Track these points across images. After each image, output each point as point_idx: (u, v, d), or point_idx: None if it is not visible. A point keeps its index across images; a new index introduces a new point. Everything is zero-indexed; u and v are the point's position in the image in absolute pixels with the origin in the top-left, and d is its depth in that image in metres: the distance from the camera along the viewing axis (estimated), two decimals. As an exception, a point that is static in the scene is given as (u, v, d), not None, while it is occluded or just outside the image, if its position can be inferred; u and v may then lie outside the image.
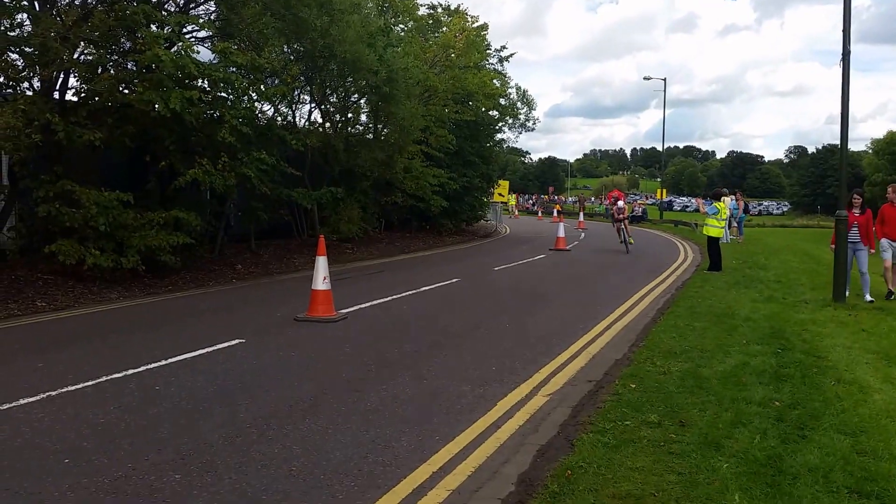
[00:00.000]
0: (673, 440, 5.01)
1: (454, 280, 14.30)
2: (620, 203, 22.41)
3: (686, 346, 7.97)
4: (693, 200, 61.41)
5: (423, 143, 23.69)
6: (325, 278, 9.73)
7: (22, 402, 5.89)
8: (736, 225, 25.04)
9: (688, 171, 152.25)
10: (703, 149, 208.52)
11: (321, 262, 9.73)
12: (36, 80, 12.67)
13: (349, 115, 22.30)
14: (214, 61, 14.00)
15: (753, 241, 25.87)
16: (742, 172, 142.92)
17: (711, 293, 12.18)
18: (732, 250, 20.46)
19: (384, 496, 4.21)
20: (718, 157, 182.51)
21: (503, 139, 37.71)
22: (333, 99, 21.41)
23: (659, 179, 72.01)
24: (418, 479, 4.46)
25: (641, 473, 4.44)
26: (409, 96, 20.81)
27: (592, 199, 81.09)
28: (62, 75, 12.83)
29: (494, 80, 30.43)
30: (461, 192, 27.39)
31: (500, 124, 34.04)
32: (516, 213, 55.58)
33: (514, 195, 59.64)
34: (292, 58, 18.43)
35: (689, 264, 18.11)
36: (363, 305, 10.86)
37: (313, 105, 21.21)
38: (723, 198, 17.36)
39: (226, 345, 8.06)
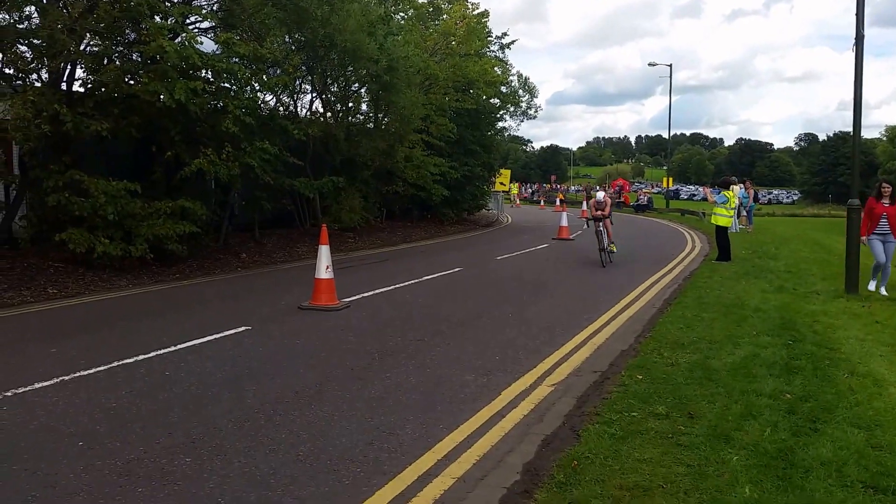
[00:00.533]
0: (681, 432, 5.00)
1: (456, 269, 14.40)
2: (600, 195, 16.64)
3: (694, 337, 7.92)
4: (700, 189, 61.11)
5: (423, 131, 23.71)
6: (327, 267, 9.86)
7: (36, 386, 6.06)
8: (745, 214, 24.78)
9: (695, 159, 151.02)
10: (711, 136, 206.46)
11: (324, 252, 9.85)
12: (44, 71, 12.80)
13: (350, 104, 22.31)
14: (217, 52, 14.08)
15: (763, 231, 25.58)
16: (751, 160, 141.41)
17: (720, 283, 12.09)
18: (742, 240, 20.24)
19: (390, 482, 4.31)
20: (726, 144, 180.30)
21: (504, 127, 37.81)
22: (334, 88, 21.42)
23: (665, 167, 71.75)
24: (423, 466, 4.55)
25: (649, 465, 4.45)
26: (410, 85, 20.83)
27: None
28: (69, 67, 12.99)
29: (496, 68, 30.36)
30: (462, 181, 27.40)
31: (501, 112, 34.02)
32: (518, 202, 55.59)
33: (515, 184, 59.71)
34: (293, 48, 18.46)
35: (696, 254, 18.04)
36: (366, 294, 10.99)
37: (314, 95, 21.22)
38: (732, 186, 17.27)
39: (232, 332, 8.22)
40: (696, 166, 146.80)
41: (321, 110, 21.46)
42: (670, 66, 45.58)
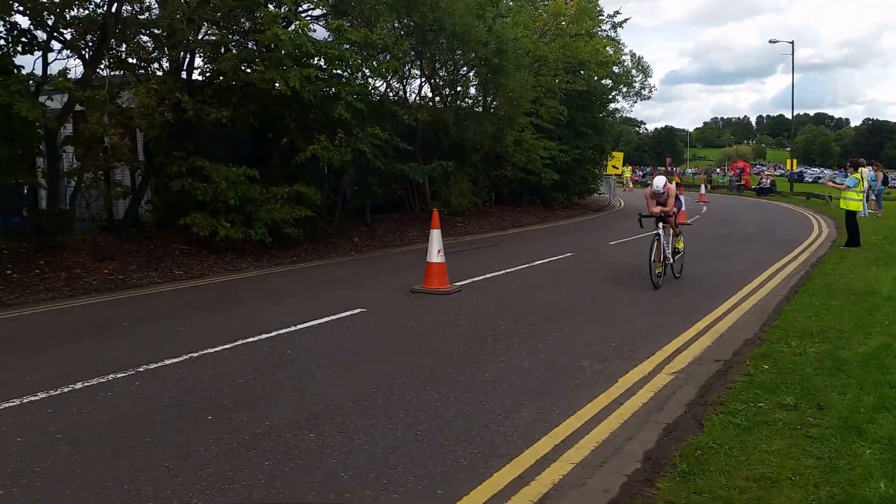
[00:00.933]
0: (810, 423, 4.77)
1: (567, 254, 14.15)
2: (658, 182, 10.97)
3: (822, 326, 7.49)
4: (825, 173, 57.34)
5: (532, 114, 23.41)
6: (439, 251, 9.89)
7: (167, 362, 6.37)
8: (874, 198, 23.24)
9: (819, 140, 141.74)
10: (836, 116, 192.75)
11: (435, 236, 9.89)
12: (165, 60, 13.49)
13: (458, 88, 22.29)
14: (329, 39, 14.36)
15: (893, 215, 23.91)
16: (879, 141, 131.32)
17: (849, 270, 11.37)
18: (871, 225, 18.82)
19: (507, 465, 4.25)
20: (852, 125, 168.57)
21: (617, 109, 36.72)
22: (443, 73, 21.47)
23: (788, 149, 67.78)
24: (540, 450, 4.47)
25: (777, 456, 4.27)
26: (519, 67, 20.58)
27: (718, 170, 77.01)
28: (188, 56, 13.57)
29: (607, 48, 29.66)
30: (573, 165, 26.92)
31: (613, 93, 33.17)
32: (630, 185, 54.24)
33: (628, 167, 58.16)
34: (402, 33, 18.59)
35: (823, 239, 17.01)
36: (476, 279, 10.95)
37: (423, 79, 21.36)
38: (860, 168, 16.10)
39: (348, 314, 8.40)
40: (821, 148, 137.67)
41: (430, 95, 21.59)
42: (792, 42, 42.70)
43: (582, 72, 26.63)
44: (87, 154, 11.91)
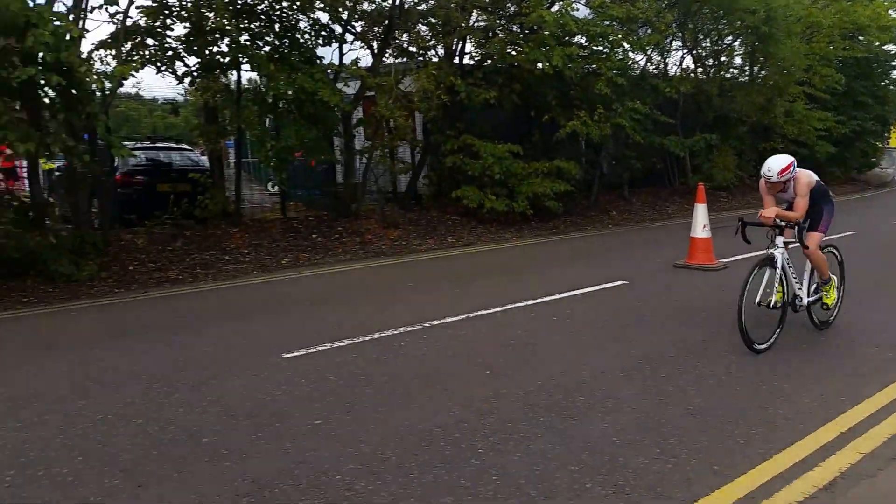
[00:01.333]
0: None
1: (847, 233, 12.83)
2: (773, 163, 6.37)
3: None
4: None
5: (805, 83, 21.43)
6: (704, 226, 9.67)
7: (447, 320, 7.03)
8: None
9: None
10: None
11: (700, 210, 9.65)
12: (440, 47, 14.50)
13: (722, 58, 21.11)
14: (590, 17, 14.41)
15: None
16: None
17: None
18: None
19: (788, 448, 4.14)
20: None
21: (901, 76, 32.03)
22: (706, 43, 20.49)
23: None
24: (824, 437, 4.29)
25: None
26: (790, 35, 18.95)
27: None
28: (460, 42, 14.47)
29: (890, 11, 25.99)
30: (851, 137, 24.19)
31: (897, 60, 29.02)
32: (920, 160, 47.08)
33: (917, 139, 50.53)
34: (664, 5, 17.99)
35: None
36: (745, 255, 10.38)
37: (685, 51, 20.53)
38: None
39: (611, 285, 8.57)
40: None
41: (692, 66, 20.71)
42: None
43: (861, 37, 23.79)
44: (376, 134, 13.37)
